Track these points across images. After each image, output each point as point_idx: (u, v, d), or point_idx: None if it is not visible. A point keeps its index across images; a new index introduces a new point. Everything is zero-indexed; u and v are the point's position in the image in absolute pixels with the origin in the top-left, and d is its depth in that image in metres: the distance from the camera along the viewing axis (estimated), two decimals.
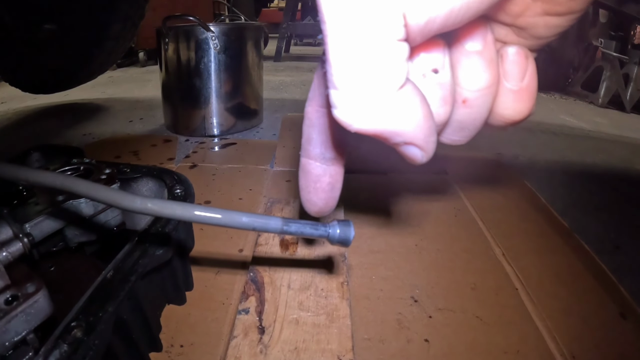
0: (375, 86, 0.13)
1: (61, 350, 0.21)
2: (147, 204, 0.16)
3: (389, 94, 0.13)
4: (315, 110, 0.21)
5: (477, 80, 0.16)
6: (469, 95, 0.17)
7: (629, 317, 0.37)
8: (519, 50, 0.17)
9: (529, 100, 0.17)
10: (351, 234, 0.19)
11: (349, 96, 0.13)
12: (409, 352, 0.33)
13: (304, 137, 0.22)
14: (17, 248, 0.24)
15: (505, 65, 0.17)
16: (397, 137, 0.14)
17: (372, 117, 0.14)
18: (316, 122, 0.21)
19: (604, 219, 0.58)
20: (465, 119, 0.17)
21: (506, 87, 0.17)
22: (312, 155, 0.22)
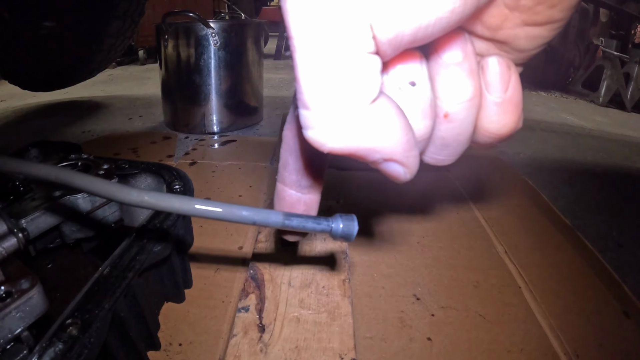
0: (346, 101, 0.12)
1: (56, 349, 0.20)
2: (143, 197, 0.15)
3: (361, 108, 0.13)
4: (294, 135, 0.20)
5: (457, 93, 0.16)
6: (450, 108, 0.16)
7: (632, 315, 0.36)
8: (500, 60, 0.16)
9: (514, 112, 0.16)
10: (355, 228, 0.19)
11: (319, 114, 0.12)
12: (412, 350, 0.32)
13: (281, 161, 0.21)
14: (12, 243, 0.24)
15: (487, 77, 0.16)
16: (375, 154, 0.14)
17: (345, 134, 0.13)
18: (294, 147, 0.20)
19: (606, 217, 0.58)
20: (448, 134, 0.17)
21: (489, 100, 0.16)
22: (288, 182, 0.21)
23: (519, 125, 0.17)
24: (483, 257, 0.44)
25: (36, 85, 1.14)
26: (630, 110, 1.32)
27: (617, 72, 1.34)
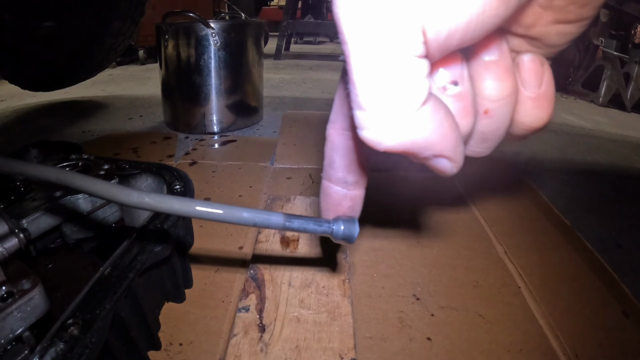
0: (400, 103, 0.13)
1: (57, 349, 0.20)
2: (144, 198, 0.15)
3: (414, 110, 0.13)
4: (339, 133, 0.21)
5: (497, 90, 0.17)
6: (490, 105, 0.17)
7: (631, 315, 0.36)
8: (534, 57, 0.17)
9: (547, 106, 0.18)
10: (356, 230, 0.19)
11: (375, 116, 0.13)
12: (411, 350, 0.32)
13: (326, 159, 0.22)
14: (13, 244, 0.24)
15: (522, 74, 0.17)
16: (426, 151, 0.15)
17: (400, 134, 0.14)
18: (339, 145, 0.21)
19: (606, 217, 0.58)
20: (487, 129, 0.18)
21: (524, 95, 0.17)
22: (334, 179, 0.22)
23: (552, 118, 0.18)
24: (483, 257, 0.44)
25: (36, 85, 1.14)
26: (630, 111, 1.32)
27: (617, 72, 1.34)
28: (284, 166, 0.67)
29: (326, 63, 2.11)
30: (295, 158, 0.70)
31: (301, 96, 1.26)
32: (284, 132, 0.82)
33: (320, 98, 1.25)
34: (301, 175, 0.64)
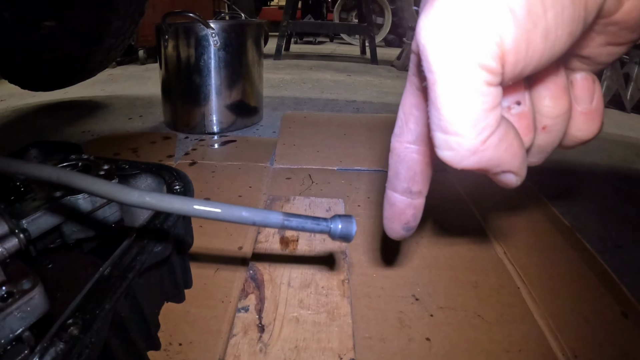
0: (479, 128, 0.14)
1: (57, 348, 0.20)
2: (144, 198, 0.15)
3: (491, 132, 0.15)
4: (405, 147, 0.22)
5: (554, 108, 0.18)
6: (548, 122, 0.18)
7: (630, 315, 0.36)
8: (587, 75, 0.19)
9: (598, 119, 0.19)
10: (353, 229, 0.19)
11: (456, 139, 0.15)
12: (411, 350, 0.32)
13: (391, 170, 0.23)
14: (13, 244, 0.24)
15: (575, 91, 0.19)
16: (498, 169, 0.16)
17: (478, 155, 0.15)
18: (404, 158, 0.22)
19: (605, 218, 0.58)
20: (545, 143, 0.19)
21: (577, 110, 0.19)
22: (399, 189, 0.23)
23: (601, 129, 0.20)
24: (482, 258, 0.44)
25: (36, 85, 1.14)
26: (630, 111, 1.32)
27: (616, 73, 1.34)
28: (283, 166, 0.67)
29: (326, 63, 2.12)
30: (295, 158, 0.70)
31: (301, 96, 1.27)
32: (284, 133, 0.82)
33: (320, 98, 1.25)
34: (301, 176, 0.64)
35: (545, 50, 0.14)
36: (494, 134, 0.15)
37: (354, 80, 1.63)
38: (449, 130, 0.15)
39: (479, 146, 0.15)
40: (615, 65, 1.35)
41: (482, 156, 0.15)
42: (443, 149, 0.15)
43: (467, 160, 0.15)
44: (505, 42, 0.13)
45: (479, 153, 0.15)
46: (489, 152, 0.15)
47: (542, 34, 0.13)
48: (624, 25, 0.16)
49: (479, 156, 0.15)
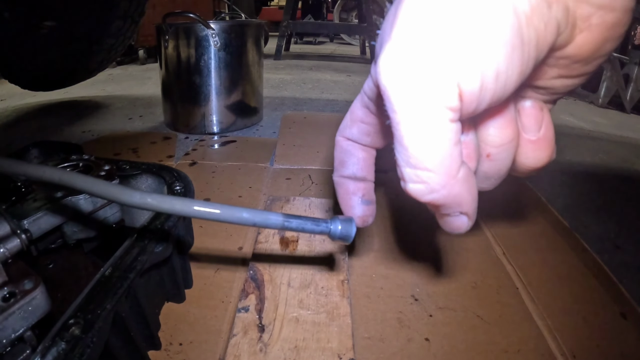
0: (447, 162, 0.15)
1: (59, 348, 0.20)
2: (146, 199, 0.16)
3: (458, 166, 0.15)
4: (347, 142, 0.25)
5: (499, 137, 0.18)
6: (492, 150, 0.18)
7: (629, 316, 0.37)
8: (535, 103, 0.18)
9: (547, 148, 0.19)
10: (353, 230, 0.19)
11: (427, 174, 0.15)
12: (410, 351, 0.32)
13: (336, 160, 0.25)
14: (15, 244, 0.24)
15: (522, 119, 0.18)
16: (458, 208, 0.17)
17: (447, 189, 0.15)
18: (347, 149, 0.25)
19: (604, 218, 0.58)
20: (490, 170, 0.19)
21: (525, 138, 0.19)
22: (345, 175, 0.25)
23: (553, 157, 0.19)
24: (481, 259, 0.44)
25: (36, 85, 1.14)
26: (630, 112, 1.32)
27: (616, 74, 1.34)
28: (283, 167, 0.67)
29: (326, 63, 2.12)
30: (295, 159, 0.70)
31: (301, 97, 1.27)
32: (284, 133, 0.82)
33: (320, 98, 1.25)
34: (301, 176, 0.64)
35: (497, 89, 0.14)
36: (460, 169, 0.15)
37: (354, 80, 1.64)
38: (418, 165, 0.15)
39: (449, 180, 0.15)
40: (615, 66, 1.35)
41: (450, 191, 0.15)
42: (413, 182, 0.16)
43: (436, 194, 0.16)
44: (462, 82, 0.14)
45: (447, 187, 0.15)
46: (457, 188, 0.15)
47: (493, 75, 0.14)
48: (576, 59, 0.16)
49: (447, 190, 0.15)
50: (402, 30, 0.14)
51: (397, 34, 0.14)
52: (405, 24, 0.14)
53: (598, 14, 0.15)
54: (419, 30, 0.14)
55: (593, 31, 0.15)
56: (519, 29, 0.13)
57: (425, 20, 0.14)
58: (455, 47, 0.13)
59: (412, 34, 0.14)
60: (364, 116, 0.23)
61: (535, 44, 0.14)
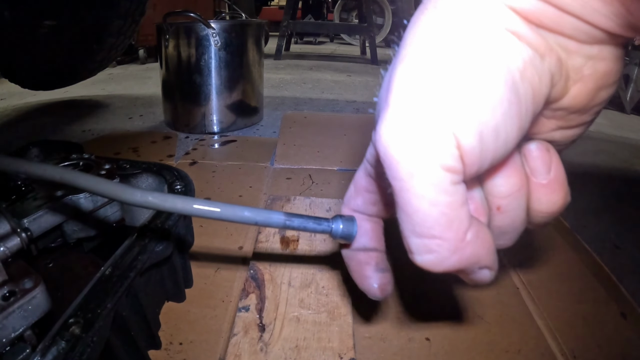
0: (455, 226, 0.14)
1: (59, 347, 0.20)
2: (147, 197, 0.16)
3: (467, 227, 0.15)
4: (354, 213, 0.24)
5: (506, 187, 0.17)
6: (501, 202, 0.18)
7: (629, 316, 0.37)
8: (540, 145, 0.18)
9: (560, 190, 0.18)
10: (354, 229, 0.19)
11: (435, 242, 0.15)
12: (410, 350, 0.32)
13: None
14: (15, 243, 0.24)
15: (530, 163, 0.18)
16: (477, 265, 0.16)
17: (458, 254, 0.15)
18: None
19: (604, 219, 0.58)
20: (502, 223, 0.18)
21: (536, 183, 0.18)
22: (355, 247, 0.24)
23: (568, 200, 0.19)
24: None
25: (36, 84, 1.14)
26: (630, 112, 1.32)
27: None
28: (284, 166, 0.67)
29: (326, 63, 2.12)
30: (295, 158, 0.70)
31: (301, 96, 1.27)
32: (284, 133, 0.82)
33: (320, 98, 1.25)
34: (301, 176, 0.64)
35: (498, 147, 0.14)
36: (469, 230, 0.15)
37: (354, 80, 1.64)
38: (425, 234, 0.14)
39: (458, 244, 0.15)
40: None
41: (462, 254, 0.15)
42: (422, 253, 0.15)
43: (449, 261, 0.15)
44: (462, 144, 0.13)
45: (459, 251, 0.15)
46: (469, 249, 0.15)
47: (493, 134, 0.14)
48: (573, 110, 0.16)
49: (459, 255, 0.15)
50: (398, 99, 0.14)
51: (393, 102, 0.14)
52: (401, 92, 0.14)
53: (589, 64, 0.15)
54: (415, 96, 0.14)
55: (586, 81, 0.15)
56: (513, 84, 0.13)
57: (420, 85, 0.14)
58: (452, 110, 0.13)
59: (408, 101, 0.14)
60: (368, 185, 0.22)
61: (532, 97, 0.14)
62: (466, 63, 0.13)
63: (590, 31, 0.14)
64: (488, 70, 0.13)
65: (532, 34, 0.14)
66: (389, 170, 0.14)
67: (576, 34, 0.14)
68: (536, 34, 0.14)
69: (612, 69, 0.15)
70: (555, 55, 0.14)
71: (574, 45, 0.14)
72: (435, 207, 0.14)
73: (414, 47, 0.14)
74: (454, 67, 0.13)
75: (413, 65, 0.14)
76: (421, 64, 0.14)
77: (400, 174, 0.14)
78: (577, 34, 0.14)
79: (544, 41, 0.14)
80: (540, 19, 0.14)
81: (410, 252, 0.16)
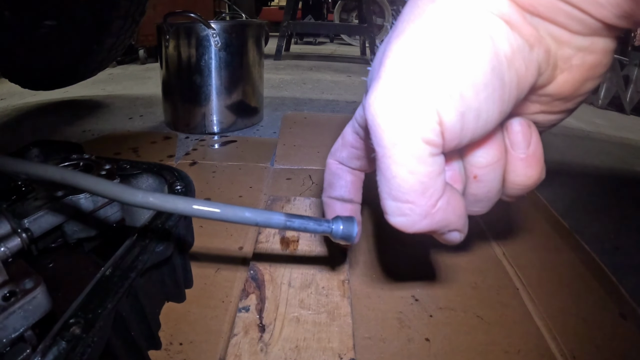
0: (428, 193, 0.15)
1: (59, 348, 0.20)
2: (149, 198, 0.16)
3: (439, 196, 0.16)
4: (337, 165, 0.26)
5: (485, 158, 0.18)
6: (478, 171, 0.19)
7: (629, 317, 0.37)
8: (522, 121, 0.18)
9: (537, 164, 0.19)
10: (354, 230, 0.19)
11: (408, 206, 0.16)
12: (410, 351, 0.32)
13: (326, 182, 0.26)
14: (16, 243, 0.24)
15: (511, 136, 0.19)
16: (446, 229, 0.17)
17: (429, 218, 0.16)
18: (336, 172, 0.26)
19: (604, 219, 0.58)
20: (479, 192, 0.19)
21: (514, 156, 0.19)
22: (333, 196, 0.26)
23: (543, 176, 0.19)
24: (481, 259, 0.44)
25: (36, 84, 1.14)
26: (630, 113, 1.33)
27: (616, 75, 1.34)
28: (284, 167, 0.67)
29: (326, 64, 2.12)
30: (295, 159, 0.70)
31: (301, 97, 1.27)
32: (284, 133, 0.82)
33: (320, 99, 1.25)
34: (301, 176, 0.64)
35: (478, 127, 0.15)
36: (441, 197, 0.16)
37: (354, 81, 1.64)
38: (400, 198, 0.15)
39: (430, 210, 0.16)
40: (615, 67, 1.35)
41: (432, 219, 0.16)
42: (396, 215, 0.16)
43: (419, 224, 0.16)
44: (443, 120, 0.14)
45: (429, 216, 0.16)
46: (439, 215, 0.16)
47: (474, 114, 0.14)
48: (557, 97, 0.17)
49: (429, 219, 0.16)
50: (388, 72, 0.15)
51: (384, 75, 0.15)
52: (392, 66, 0.15)
53: (578, 55, 0.15)
54: (405, 72, 0.14)
55: (573, 72, 0.15)
56: (499, 71, 0.14)
57: (410, 63, 0.14)
58: (437, 88, 0.14)
59: (398, 76, 0.14)
60: (354, 141, 0.23)
61: (517, 84, 0.14)
62: (455, 47, 0.14)
63: (585, 20, 0.14)
64: (476, 55, 0.14)
65: (524, 22, 0.14)
66: (374, 137, 0.15)
67: (570, 24, 0.14)
68: (528, 24, 0.14)
69: (600, 62, 0.15)
70: (544, 46, 0.15)
71: (566, 36, 0.14)
72: (412, 175, 0.15)
73: (408, 25, 0.15)
74: (444, 49, 0.14)
75: (405, 43, 0.15)
76: (413, 43, 0.14)
77: (384, 142, 0.15)
78: (571, 24, 0.14)
79: (535, 31, 0.14)
80: (535, 6, 0.14)
81: (385, 213, 0.17)
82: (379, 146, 0.15)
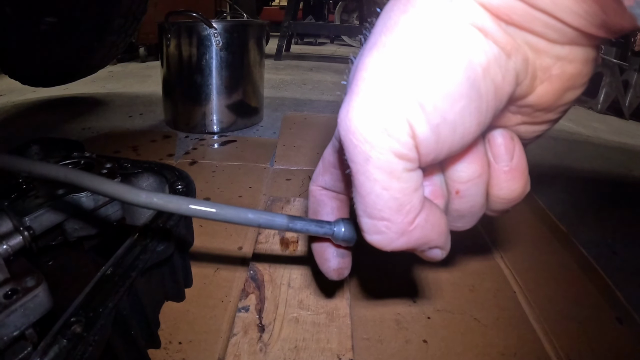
0: (404, 210, 0.15)
1: (60, 346, 0.20)
2: (152, 199, 0.16)
3: (417, 213, 0.15)
4: (320, 191, 0.25)
5: (467, 173, 0.18)
6: (460, 186, 0.18)
7: (625, 321, 0.37)
8: (505, 133, 0.18)
9: (520, 177, 0.18)
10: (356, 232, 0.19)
11: (383, 223, 0.15)
12: (408, 352, 0.33)
13: (310, 210, 0.25)
14: (18, 241, 0.24)
15: (493, 149, 0.18)
16: (426, 246, 0.17)
17: (406, 236, 0.16)
18: (321, 200, 0.25)
19: (602, 224, 0.59)
20: (461, 207, 0.19)
21: (497, 169, 0.18)
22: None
23: (527, 189, 0.19)
24: (479, 262, 0.45)
25: (36, 81, 1.14)
26: (628, 118, 1.33)
27: (615, 80, 1.35)
28: (283, 167, 0.67)
29: (327, 64, 2.12)
30: (295, 159, 0.70)
31: (301, 97, 1.27)
32: (284, 134, 0.82)
33: (320, 99, 1.25)
34: (301, 177, 0.64)
35: (455, 140, 0.14)
36: (419, 214, 0.15)
37: None
38: (375, 215, 0.15)
39: (406, 227, 0.15)
40: (614, 72, 1.36)
41: (410, 237, 0.16)
42: (372, 233, 0.16)
43: (396, 242, 0.16)
44: (417, 133, 0.14)
45: (406, 234, 0.15)
46: (417, 232, 0.16)
47: (450, 126, 0.14)
48: (538, 108, 0.16)
49: (407, 237, 0.16)
50: (359, 85, 0.14)
51: (355, 88, 0.14)
52: (363, 79, 0.14)
53: (557, 64, 0.15)
54: (375, 85, 0.14)
55: (553, 82, 0.15)
56: (475, 81, 0.13)
57: (381, 75, 0.14)
58: (409, 101, 0.14)
59: (369, 89, 0.14)
60: (335, 161, 0.22)
61: (494, 94, 0.14)
62: (427, 57, 0.13)
63: (561, 29, 0.14)
64: (449, 65, 0.13)
65: (499, 31, 0.14)
66: (347, 153, 0.15)
67: (547, 33, 0.14)
68: (503, 32, 0.14)
69: (580, 71, 0.15)
70: (522, 54, 0.14)
71: (544, 45, 0.14)
72: (386, 191, 0.14)
73: (380, 38, 0.14)
74: (415, 60, 0.14)
75: (377, 55, 0.14)
76: (385, 55, 0.14)
77: (356, 157, 0.14)
78: (548, 33, 0.14)
79: (511, 39, 0.14)
80: (510, 15, 0.13)
81: (362, 230, 0.16)
82: (352, 162, 0.15)
